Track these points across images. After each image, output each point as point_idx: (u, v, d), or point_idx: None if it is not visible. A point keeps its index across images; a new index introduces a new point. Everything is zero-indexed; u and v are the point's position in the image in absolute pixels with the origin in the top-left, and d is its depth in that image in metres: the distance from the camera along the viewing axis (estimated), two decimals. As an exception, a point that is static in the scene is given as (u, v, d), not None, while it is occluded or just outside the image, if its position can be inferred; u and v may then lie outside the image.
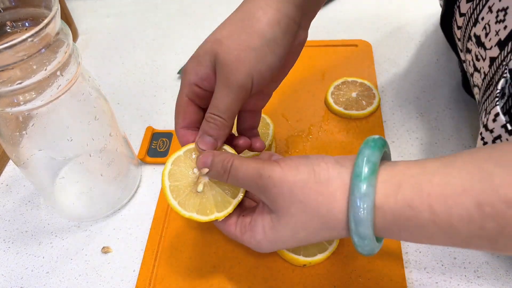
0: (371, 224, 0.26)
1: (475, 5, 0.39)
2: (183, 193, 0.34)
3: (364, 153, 0.27)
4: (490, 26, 0.37)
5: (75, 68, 0.35)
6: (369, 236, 0.27)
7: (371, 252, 0.28)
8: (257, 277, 0.39)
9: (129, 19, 0.71)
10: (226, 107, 0.33)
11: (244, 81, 0.32)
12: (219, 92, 0.33)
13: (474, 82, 0.42)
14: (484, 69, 0.38)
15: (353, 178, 0.27)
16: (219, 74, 0.32)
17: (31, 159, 0.38)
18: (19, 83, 0.31)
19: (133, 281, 0.40)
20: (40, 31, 0.29)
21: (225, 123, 0.33)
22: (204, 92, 0.35)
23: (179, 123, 0.36)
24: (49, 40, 0.31)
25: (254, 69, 0.32)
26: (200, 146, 0.34)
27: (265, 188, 0.30)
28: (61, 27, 0.33)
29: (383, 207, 0.26)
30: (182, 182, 0.34)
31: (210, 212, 0.34)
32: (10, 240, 0.45)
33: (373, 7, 0.69)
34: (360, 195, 0.26)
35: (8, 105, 0.32)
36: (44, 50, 0.31)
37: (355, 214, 0.26)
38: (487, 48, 0.37)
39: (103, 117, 0.40)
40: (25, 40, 0.29)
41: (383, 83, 0.56)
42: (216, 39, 0.33)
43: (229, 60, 0.32)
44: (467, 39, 0.41)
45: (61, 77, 0.33)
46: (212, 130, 0.34)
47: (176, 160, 0.35)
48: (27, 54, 0.30)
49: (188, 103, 0.35)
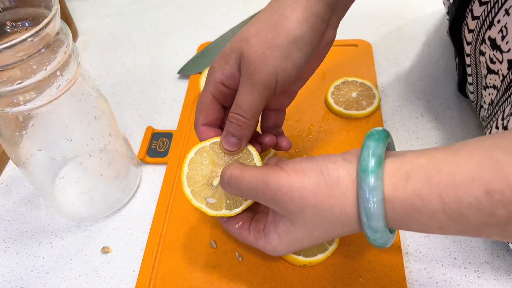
0: (382, 217, 0.26)
1: (490, 8, 0.39)
2: (198, 183, 0.34)
3: (368, 146, 0.27)
4: (507, 29, 0.36)
5: (75, 68, 0.35)
6: (382, 229, 0.27)
7: (385, 244, 0.28)
8: (257, 277, 0.39)
9: (129, 19, 0.71)
10: (249, 106, 0.32)
11: (268, 79, 0.31)
12: (242, 90, 0.32)
13: (488, 83, 0.41)
14: (503, 71, 0.38)
15: (360, 172, 0.26)
16: (243, 72, 0.32)
17: (31, 159, 0.38)
18: (19, 83, 0.31)
19: (133, 281, 0.40)
20: (40, 31, 0.29)
21: (248, 122, 0.33)
22: (229, 90, 0.34)
23: (200, 119, 0.36)
24: (49, 40, 0.31)
25: (279, 67, 0.31)
26: (225, 147, 0.34)
27: (274, 198, 0.29)
28: (61, 27, 0.33)
29: (392, 199, 0.26)
30: (200, 172, 0.35)
31: (219, 208, 0.34)
32: (10, 240, 0.45)
33: (373, 7, 0.69)
34: (369, 189, 0.26)
35: (8, 105, 0.32)
36: (44, 50, 0.31)
37: (366, 208, 0.26)
38: (504, 51, 0.37)
39: (103, 117, 0.40)
40: (25, 40, 0.29)
41: (383, 83, 0.56)
42: (243, 38, 0.32)
43: (254, 58, 0.31)
44: (480, 42, 0.41)
45: (61, 77, 0.33)
46: (235, 131, 0.33)
47: (200, 150, 0.35)
48: (27, 54, 0.30)
49: (212, 101, 0.35)
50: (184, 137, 0.51)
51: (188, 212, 0.44)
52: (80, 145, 0.39)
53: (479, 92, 0.45)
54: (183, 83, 0.59)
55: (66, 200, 0.44)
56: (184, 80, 0.60)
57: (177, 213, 0.44)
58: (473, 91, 0.47)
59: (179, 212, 0.44)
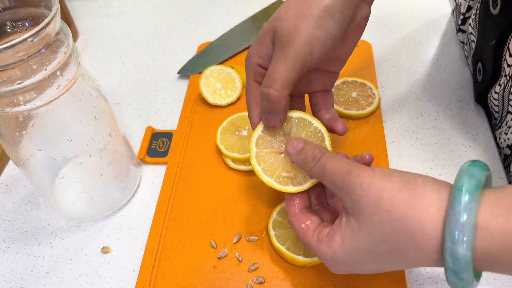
0: (470, 246, 0.22)
1: None
2: (267, 161, 0.36)
3: (467, 169, 0.25)
4: None
5: (75, 68, 0.35)
6: (467, 260, 0.23)
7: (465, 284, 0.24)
8: (257, 277, 0.39)
9: (129, 19, 0.71)
10: (281, 75, 0.31)
11: (301, 50, 0.30)
12: (274, 61, 0.31)
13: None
14: None
15: (453, 191, 0.24)
16: (276, 47, 0.31)
17: (31, 159, 0.38)
18: (19, 83, 0.31)
19: (133, 281, 0.40)
20: (40, 31, 0.29)
21: (278, 94, 0.31)
22: None
23: (253, 110, 0.35)
24: (49, 40, 0.31)
25: (312, 36, 0.30)
26: (265, 125, 0.34)
27: (350, 187, 0.27)
28: (61, 27, 0.33)
29: (489, 227, 0.22)
30: (267, 151, 0.36)
31: (285, 184, 0.35)
32: (10, 240, 0.45)
33: (373, 7, 0.69)
34: (462, 208, 0.23)
35: (8, 105, 0.32)
36: (44, 50, 0.31)
37: (453, 229, 0.23)
38: None
39: (103, 117, 0.40)
40: (25, 40, 0.29)
41: (383, 83, 0.56)
42: (275, 17, 0.32)
43: (286, 31, 0.31)
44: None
45: (61, 77, 0.33)
46: (267, 107, 0.32)
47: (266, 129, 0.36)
48: (27, 54, 0.30)
49: (256, 87, 0.35)
50: (184, 137, 0.51)
51: (188, 212, 0.44)
52: (80, 145, 0.39)
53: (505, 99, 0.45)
54: (183, 83, 0.59)
55: (66, 200, 0.44)
56: (184, 80, 0.60)
57: (177, 213, 0.44)
58: (497, 98, 0.46)
59: (179, 212, 0.44)
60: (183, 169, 0.48)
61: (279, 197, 0.44)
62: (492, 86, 0.47)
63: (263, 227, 0.42)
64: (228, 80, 0.55)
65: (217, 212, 0.44)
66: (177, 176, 0.47)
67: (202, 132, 0.51)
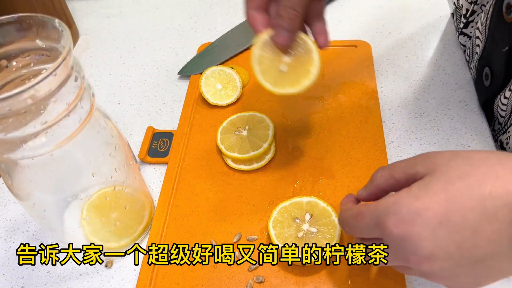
0: None
1: None
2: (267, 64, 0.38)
3: None
4: None
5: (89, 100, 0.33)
6: None
7: None
8: (257, 276, 0.39)
9: (130, 19, 0.72)
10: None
11: None
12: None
13: None
14: None
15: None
16: None
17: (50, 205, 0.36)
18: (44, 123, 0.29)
19: (133, 281, 0.41)
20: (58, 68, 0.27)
21: (298, 14, 0.35)
22: None
23: (250, 6, 0.37)
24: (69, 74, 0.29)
25: None
26: (279, 41, 0.36)
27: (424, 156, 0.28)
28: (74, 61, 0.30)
29: None
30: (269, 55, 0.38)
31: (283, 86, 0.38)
32: (11, 239, 0.45)
33: (373, 7, 0.69)
34: None
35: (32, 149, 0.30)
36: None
37: None
38: None
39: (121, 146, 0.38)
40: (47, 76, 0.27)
41: (383, 83, 0.57)
42: None
43: None
44: None
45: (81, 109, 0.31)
46: (287, 24, 0.35)
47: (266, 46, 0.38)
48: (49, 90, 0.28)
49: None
50: (185, 137, 0.51)
51: (188, 212, 0.44)
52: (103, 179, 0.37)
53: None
54: (183, 84, 0.59)
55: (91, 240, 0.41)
56: (184, 81, 0.60)
57: (177, 213, 0.44)
58: (506, 104, 0.46)
59: (179, 212, 0.44)
60: (183, 169, 0.48)
61: (279, 197, 0.45)
62: (501, 92, 0.47)
63: (263, 227, 0.43)
64: (228, 81, 0.55)
65: (217, 212, 0.44)
66: (177, 176, 0.47)
67: (202, 132, 0.51)
